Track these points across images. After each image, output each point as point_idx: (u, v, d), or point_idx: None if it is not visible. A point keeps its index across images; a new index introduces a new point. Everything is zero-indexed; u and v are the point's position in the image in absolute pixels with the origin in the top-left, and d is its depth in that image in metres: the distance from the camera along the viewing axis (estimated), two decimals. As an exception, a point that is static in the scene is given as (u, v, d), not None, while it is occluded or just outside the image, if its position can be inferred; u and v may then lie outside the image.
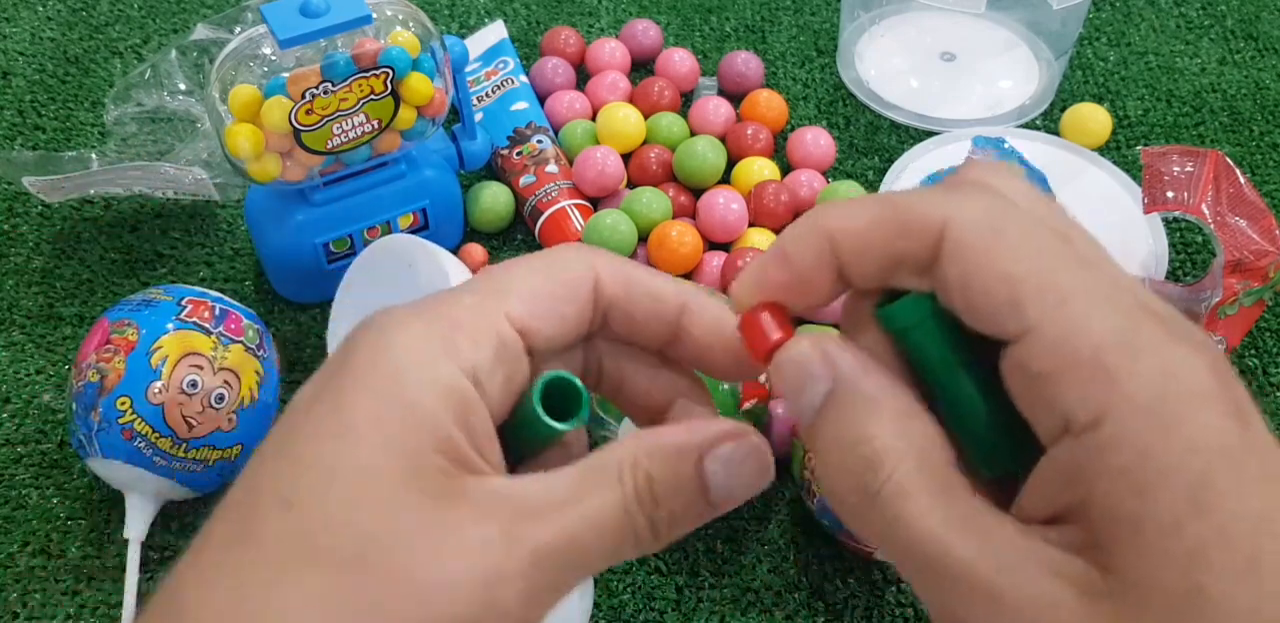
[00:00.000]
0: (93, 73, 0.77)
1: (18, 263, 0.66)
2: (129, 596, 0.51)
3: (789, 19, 0.81)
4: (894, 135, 0.73)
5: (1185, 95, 0.75)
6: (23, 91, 0.75)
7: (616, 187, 0.66)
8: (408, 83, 0.55)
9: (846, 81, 0.76)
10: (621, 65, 0.75)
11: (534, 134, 0.69)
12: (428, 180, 0.61)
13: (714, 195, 0.64)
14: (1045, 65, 0.76)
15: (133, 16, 0.81)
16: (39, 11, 0.81)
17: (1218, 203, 0.59)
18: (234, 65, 0.53)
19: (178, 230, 0.67)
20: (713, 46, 0.79)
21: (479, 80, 0.74)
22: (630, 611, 0.52)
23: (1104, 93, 0.76)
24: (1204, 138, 0.73)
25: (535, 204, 0.66)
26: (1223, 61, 0.78)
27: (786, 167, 0.70)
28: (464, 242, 0.66)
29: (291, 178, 0.56)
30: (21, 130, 0.73)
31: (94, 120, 0.73)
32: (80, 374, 0.52)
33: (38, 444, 0.58)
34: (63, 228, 0.67)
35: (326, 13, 0.52)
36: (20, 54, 0.78)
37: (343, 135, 0.55)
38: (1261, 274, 0.58)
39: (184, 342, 0.52)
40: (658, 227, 0.63)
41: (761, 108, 0.71)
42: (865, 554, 0.51)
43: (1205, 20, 0.81)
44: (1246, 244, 0.58)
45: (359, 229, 0.60)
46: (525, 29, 0.80)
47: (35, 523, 0.55)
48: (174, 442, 0.51)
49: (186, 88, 0.68)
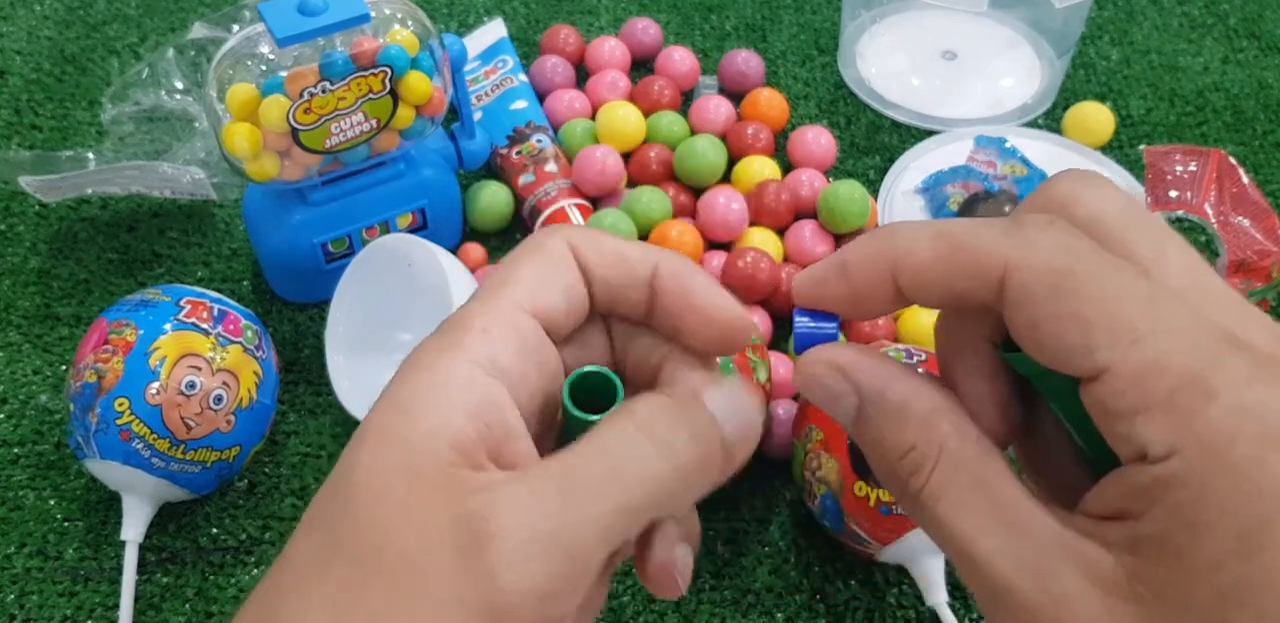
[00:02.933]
0: (90, 72, 0.76)
1: (14, 263, 0.65)
2: (126, 597, 0.51)
3: (790, 17, 0.81)
4: (895, 134, 0.73)
5: (1188, 94, 0.75)
6: (19, 90, 0.75)
7: (616, 186, 0.66)
8: (406, 82, 0.55)
9: (848, 80, 0.76)
10: (621, 64, 0.75)
11: (533, 133, 0.69)
12: (426, 180, 0.61)
13: (714, 195, 0.64)
14: (1047, 64, 0.76)
15: (130, 15, 0.80)
16: (36, 10, 0.81)
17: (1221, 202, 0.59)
18: (232, 64, 0.52)
19: (175, 230, 0.67)
20: (713, 45, 0.79)
21: (478, 79, 0.74)
22: (630, 612, 0.52)
23: (1106, 92, 0.75)
24: (1207, 137, 0.73)
25: (535, 204, 0.65)
26: (1226, 60, 0.77)
27: (787, 166, 0.70)
28: (463, 241, 0.66)
29: (289, 177, 0.56)
30: (18, 130, 0.73)
31: (91, 120, 0.73)
32: (78, 375, 0.52)
33: (35, 445, 0.58)
34: (59, 228, 0.67)
35: (324, 11, 0.52)
36: (17, 53, 0.77)
37: (341, 134, 0.55)
38: (1265, 274, 0.57)
39: (182, 342, 0.51)
40: (658, 226, 0.63)
41: (762, 107, 0.71)
42: (867, 556, 0.51)
43: (1208, 19, 0.80)
44: (1249, 244, 0.58)
45: (357, 229, 0.60)
46: (524, 27, 0.80)
47: (32, 525, 0.55)
48: (172, 443, 0.50)
49: (184, 87, 0.68)
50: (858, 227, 0.64)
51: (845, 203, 0.63)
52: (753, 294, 0.60)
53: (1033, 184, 0.63)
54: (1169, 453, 0.19)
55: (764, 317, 0.61)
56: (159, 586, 0.53)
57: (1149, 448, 0.20)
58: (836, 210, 0.63)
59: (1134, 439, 0.20)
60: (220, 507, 0.55)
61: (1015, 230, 0.22)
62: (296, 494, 0.56)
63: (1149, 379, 0.20)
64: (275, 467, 0.57)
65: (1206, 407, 0.19)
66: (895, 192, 0.68)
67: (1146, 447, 0.20)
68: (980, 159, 0.65)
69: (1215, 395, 0.19)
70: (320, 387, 0.60)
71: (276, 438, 0.58)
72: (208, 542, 0.54)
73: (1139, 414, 0.20)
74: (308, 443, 0.58)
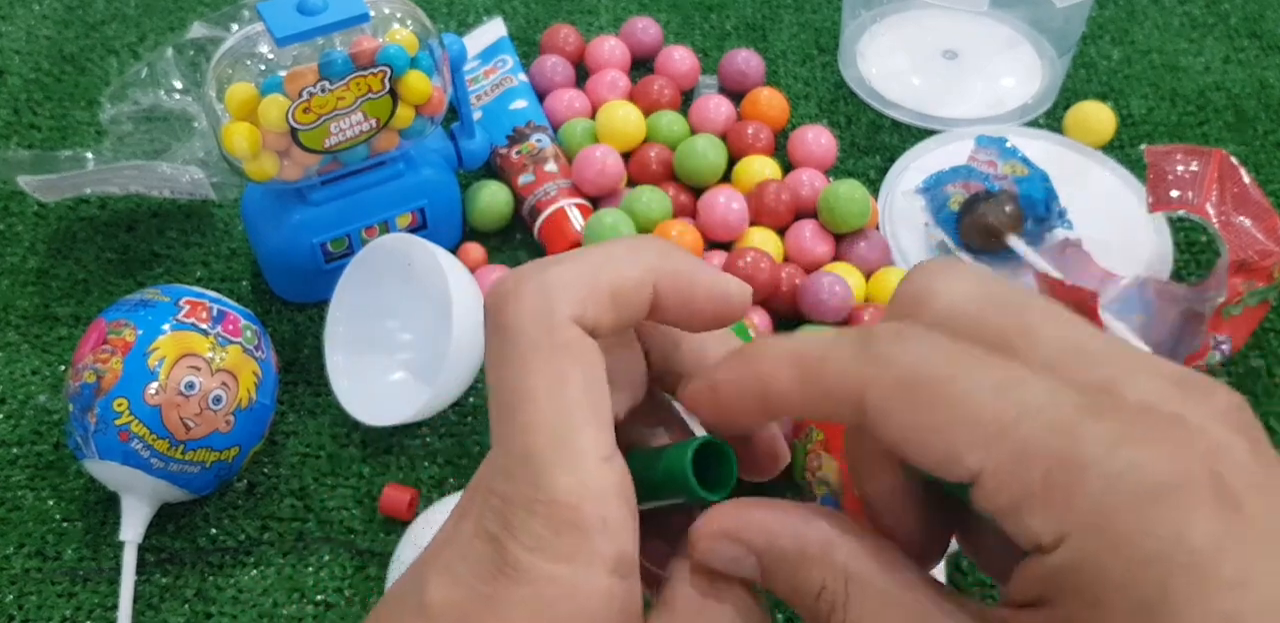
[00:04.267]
0: (89, 71, 0.76)
1: (13, 263, 0.65)
2: (125, 598, 0.51)
3: (790, 17, 0.80)
4: (896, 134, 0.73)
5: (1189, 94, 0.75)
6: (18, 90, 0.75)
7: (616, 186, 0.66)
8: (406, 81, 0.54)
9: (848, 80, 0.76)
10: (621, 63, 0.75)
11: (533, 133, 0.69)
12: (426, 180, 0.61)
13: (714, 194, 0.64)
14: (1048, 63, 0.76)
15: (129, 15, 0.80)
16: (34, 9, 0.80)
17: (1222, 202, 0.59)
18: (231, 64, 0.52)
19: (174, 230, 0.67)
20: (713, 44, 0.78)
21: (478, 79, 0.73)
22: (630, 614, 0.52)
23: (1108, 91, 0.75)
24: (1208, 137, 0.72)
25: (534, 203, 0.65)
26: (1227, 60, 0.77)
27: (787, 165, 0.70)
28: (463, 241, 0.65)
29: (289, 177, 0.56)
30: (17, 129, 0.73)
31: (90, 119, 0.73)
32: (76, 375, 0.51)
33: (33, 446, 0.57)
34: (58, 227, 0.67)
35: (324, 10, 0.51)
36: (15, 52, 0.77)
37: (340, 134, 0.55)
38: (1266, 274, 0.57)
39: (181, 342, 0.51)
40: (658, 226, 0.63)
41: (762, 106, 0.70)
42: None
43: (1209, 18, 0.80)
44: (1251, 244, 0.58)
45: (357, 229, 0.60)
46: (524, 27, 0.79)
47: (31, 525, 0.55)
48: (171, 443, 0.50)
49: (183, 86, 0.68)
50: (857, 226, 0.64)
51: (846, 203, 0.63)
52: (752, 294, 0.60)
53: (1034, 184, 0.63)
54: (1058, 541, 0.19)
55: (764, 317, 0.61)
56: (158, 586, 0.53)
57: (1040, 539, 0.19)
58: (837, 210, 0.63)
59: (1026, 533, 0.20)
60: (219, 507, 0.55)
61: (865, 348, 0.21)
62: (295, 495, 0.56)
63: (1019, 471, 0.19)
64: (274, 467, 0.57)
65: (1080, 485, 0.19)
66: (895, 191, 0.68)
67: (1038, 537, 0.19)
68: (981, 159, 0.65)
69: (1085, 471, 0.19)
70: (320, 387, 0.60)
71: (276, 438, 0.58)
72: (206, 542, 0.54)
73: (1021, 507, 0.19)
74: (307, 443, 0.58)
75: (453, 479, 0.56)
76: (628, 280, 0.24)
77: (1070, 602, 0.19)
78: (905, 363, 0.21)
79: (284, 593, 0.53)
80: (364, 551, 0.54)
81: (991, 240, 0.62)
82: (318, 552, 0.54)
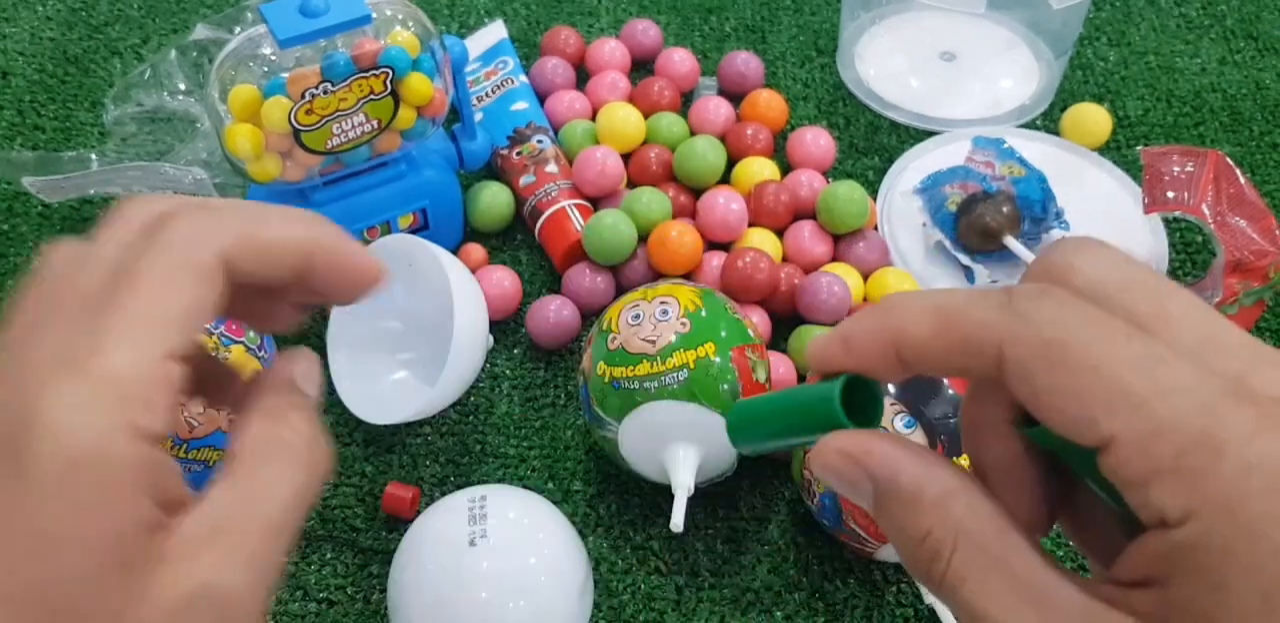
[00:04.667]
0: (92, 73, 0.77)
1: (17, 263, 0.66)
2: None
3: (789, 19, 0.81)
4: (894, 135, 0.73)
5: (1185, 95, 0.75)
6: (22, 91, 0.75)
7: (616, 186, 0.66)
8: (407, 83, 0.55)
9: (846, 81, 0.76)
10: (621, 65, 0.75)
11: (534, 134, 0.69)
12: (427, 180, 0.61)
13: (714, 195, 0.64)
14: (1045, 65, 0.76)
15: (132, 16, 0.81)
16: (39, 11, 0.81)
17: (1218, 203, 0.59)
18: (234, 65, 0.52)
19: (177, 230, 0.67)
20: (713, 46, 0.79)
21: (479, 80, 0.74)
22: (630, 611, 0.52)
23: (1104, 93, 0.76)
24: (1204, 138, 0.73)
25: (535, 204, 0.66)
26: (1223, 61, 0.78)
27: (786, 166, 0.70)
28: (464, 242, 0.66)
29: (291, 178, 0.56)
30: (21, 130, 0.73)
31: (93, 120, 0.73)
32: (80, 374, 0.52)
33: (37, 444, 0.58)
34: (62, 228, 0.67)
35: (326, 12, 0.52)
36: (20, 54, 0.78)
37: (342, 135, 0.55)
38: (1261, 274, 0.58)
39: (184, 342, 0.51)
40: (658, 227, 0.63)
41: (761, 108, 0.71)
42: (865, 555, 0.51)
43: (1205, 20, 0.81)
44: (1246, 244, 0.58)
45: (359, 229, 0.60)
46: (525, 29, 0.80)
47: (35, 523, 0.55)
48: (174, 442, 0.50)
49: (186, 88, 0.68)
50: (856, 227, 0.64)
51: (844, 203, 0.63)
52: (752, 294, 0.60)
53: (1030, 184, 0.63)
54: (1185, 517, 0.19)
55: (763, 317, 0.61)
56: (161, 584, 0.53)
57: (1165, 513, 0.20)
58: (835, 211, 0.63)
59: (1150, 505, 0.20)
60: (222, 506, 0.56)
61: (1008, 303, 0.22)
62: (298, 493, 0.56)
63: (1154, 444, 0.20)
64: (277, 466, 0.57)
65: (1215, 465, 0.19)
66: (894, 192, 0.68)
67: (1163, 512, 0.20)
68: (978, 159, 0.65)
69: (1222, 453, 0.19)
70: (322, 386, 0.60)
71: (278, 437, 0.58)
72: (210, 540, 0.54)
73: (1151, 480, 0.20)
74: (309, 442, 0.58)
75: (454, 478, 0.57)
76: (287, 239, 0.26)
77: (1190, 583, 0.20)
78: (1049, 322, 0.21)
79: (287, 591, 0.53)
80: (366, 549, 0.54)
81: (989, 241, 0.63)
82: (320, 550, 0.54)
